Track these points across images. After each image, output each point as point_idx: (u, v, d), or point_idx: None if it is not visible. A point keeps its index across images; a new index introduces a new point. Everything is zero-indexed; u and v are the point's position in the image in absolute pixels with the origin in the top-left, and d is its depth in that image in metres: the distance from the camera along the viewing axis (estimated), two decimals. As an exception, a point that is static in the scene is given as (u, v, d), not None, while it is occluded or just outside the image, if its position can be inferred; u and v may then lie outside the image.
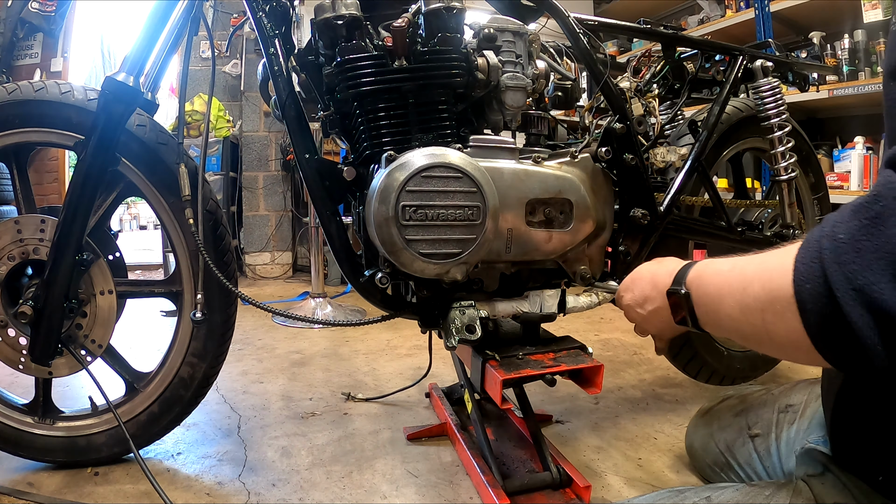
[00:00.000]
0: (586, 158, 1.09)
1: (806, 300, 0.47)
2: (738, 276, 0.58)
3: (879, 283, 0.40)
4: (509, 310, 1.07)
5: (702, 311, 0.67)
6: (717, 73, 1.46)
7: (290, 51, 1.06)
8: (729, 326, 0.61)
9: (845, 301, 0.43)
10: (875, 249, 0.41)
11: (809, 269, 0.47)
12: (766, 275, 0.53)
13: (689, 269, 0.70)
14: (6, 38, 3.61)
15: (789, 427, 0.92)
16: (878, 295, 0.40)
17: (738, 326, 0.59)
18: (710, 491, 0.76)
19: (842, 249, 0.44)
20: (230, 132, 3.87)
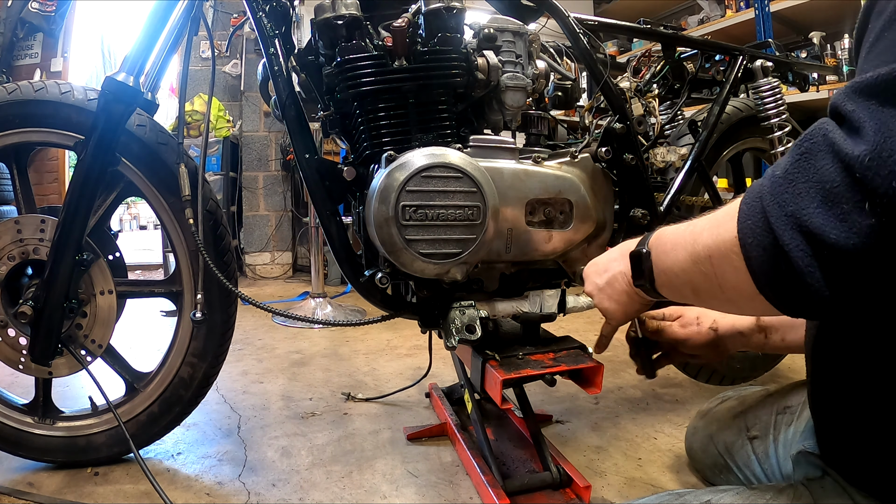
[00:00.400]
0: (586, 158, 1.09)
1: (746, 235, 0.50)
2: (692, 230, 0.61)
3: (809, 208, 0.44)
4: (509, 310, 1.07)
5: (659, 269, 0.68)
6: (717, 73, 1.46)
7: (290, 51, 1.06)
8: (683, 281, 0.63)
9: (778, 226, 0.46)
10: (805, 180, 0.45)
11: (751, 206, 0.50)
12: (715, 222, 0.56)
13: (651, 234, 0.72)
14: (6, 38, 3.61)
15: (787, 429, 0.91)
16: (808, 218, 0.44)
17: (691, 278, 0.61)
18: (710, 494, 0.75)
19: (777, 183, 0.48)
20: (230, 132, 3.87)
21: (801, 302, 0.48)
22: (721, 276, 0.55)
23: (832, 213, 0.43)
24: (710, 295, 0.60)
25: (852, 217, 0.42)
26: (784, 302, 0.50)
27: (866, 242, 0.42)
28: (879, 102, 0.42)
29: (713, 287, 0.58)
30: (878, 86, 0.43)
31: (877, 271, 0.43)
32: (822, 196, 0.44)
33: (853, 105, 0.44)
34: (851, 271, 0.44)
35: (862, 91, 0.44)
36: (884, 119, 0.42)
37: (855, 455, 0.66)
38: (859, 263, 0.43)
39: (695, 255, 0.59)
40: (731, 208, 0.54)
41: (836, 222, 0.43)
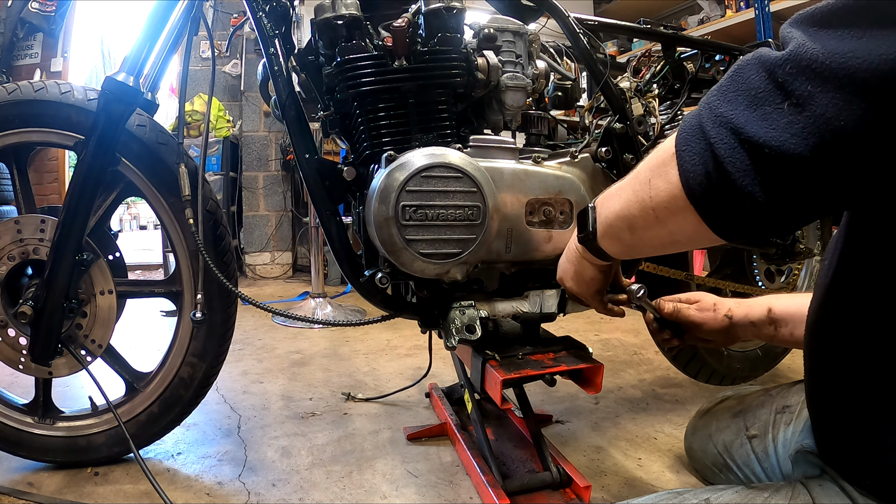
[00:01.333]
0: (586, 158, 1.09)
1: (681, 143, 0.54)
2: (636, 168, 0.65)
3: (736, 110, 0.50)
4: (509, 310, 1.07)
5: (602, 217, 0.72)
6: (717, 73, 1.46)
7: (290, 51, 1.06)
8: (621, 219, 0.67)
9: (707, 126, 0.51)
10: (735, 89, 0.51)
11: (687, 121, 0.55)
12: (658, 148, 0.60)
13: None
14: (6, 38, 3.61)
15: (786, 428, 0.92)
16: (734, 117, 0.49)
17: (629, 210, 0.64)
18: (709, 493, 0.76)
19: (712, 95, 0.53)
20: (230, 132, 3.87)
21: (728, 204, 0.51)
22: (655, 196, 0.58)
23: (756, 113, 0.48)
24: (644, 223, 0.62)
25: (773, 116, 0.47)
26: (712, 206, 0.53)
27: (783, 136, 0.46)
28: (818, 28, 0.47)
29: (647, 212, 0.60)
30: (816, 15, 0.48)
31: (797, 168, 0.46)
32: (748, 100, 0.49)
33: (792, 28, 0.49)
34: (773, 166, 0.47)
35: (803, 20, 0.49)
36: (814, 35, 0.46)
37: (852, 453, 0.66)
38: (779, 158, 0.47)
39: (636, 184, 0.62)
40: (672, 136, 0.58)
41: (759, 121, 0.48)
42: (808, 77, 0.45)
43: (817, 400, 0.72)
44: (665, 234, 0.61)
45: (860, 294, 0.62)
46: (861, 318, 0.62)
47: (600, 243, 0.73)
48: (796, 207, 0.49)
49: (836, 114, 0.44)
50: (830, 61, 0.44)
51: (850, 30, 0.44)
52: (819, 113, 0.45)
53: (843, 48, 0.44)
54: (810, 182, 0.47)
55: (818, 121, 0.45)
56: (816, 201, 0.49)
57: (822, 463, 0.71)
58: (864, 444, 0.63)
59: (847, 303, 0.64)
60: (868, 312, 0.61)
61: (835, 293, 0.66)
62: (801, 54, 0.46)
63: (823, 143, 0.45)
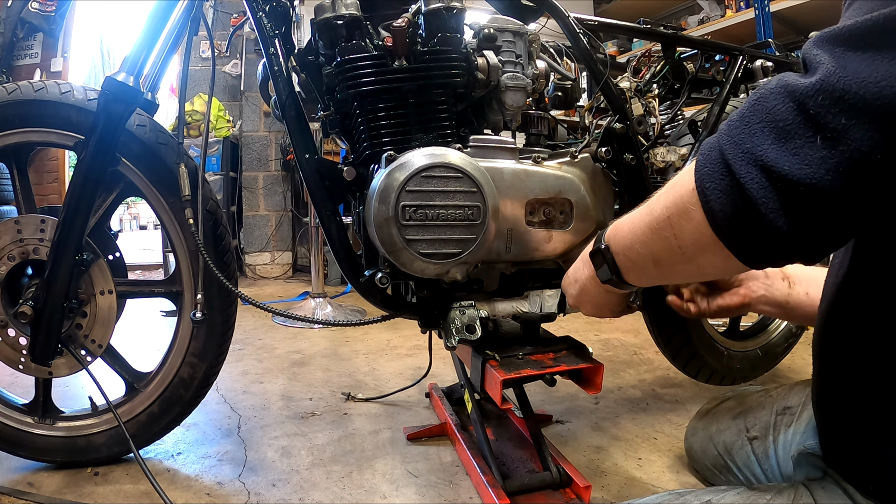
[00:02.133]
0: (586, 158, 1.09)
1: (704, 180, 0.52)
2: (648, 203, 0.63)
3: (763, 144, 0.47)
4: (509, 310, 1.07)
5: (620, 257, 0.69)
6: (717, 73, 1.46)
7: (290, 51, 1.06)
8: (644, 257, 0.64)
9: (734, 162, 0.49)
10: (759, 120, 0.48)
11: (707, 154, 0.53)
12: (671, 184, 0.58)
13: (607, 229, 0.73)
14: (6, 38, 3.61)
15: (786, 429, 0.91)
16: (763, 153, 0.47)
17: (651, 250, 0.62)
18: (711, 494, 0.75)
19: (733, 126, 0.50)
20: (230, 132, 3.87)
21: (759, 240, 0.49)
22: (680, 234, 0.57)
23: (785, 147, 0.46)
24: (670, 260, 0.61)
25: (804, 151, 0.45)
26: (742, 243, 0.51)
27: (818, 173, 0.44)
28: (845, 48, 0.44)
29: (672, 249, 0.59)
30: (843, 34, 0.45)
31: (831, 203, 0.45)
32: (776, 133, 0.47)
33: (818, 50, 0.47)
34: (806, 202, 0.46)
35: (829, 39, 0.46)
36: (843, 59, 0.44)
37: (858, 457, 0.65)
38: (813, 194, 0.45)
39: (653, 223, 0.61)
40: (688, 167, 0.55)
41: (789, 156, 0.46)
42: (840, 109, 0.43)
43: (825, 402, 0.71)
44: (694, 269, 0.60)
45: (872, 294, 0.61)
46: (872, 318, 0.61)
47: (626, 279, 0.71)
48: (829, 238, 0.48)
49: (871, 148, 0.42)
50: (864, 91, 0.42)
51: (882, 52, 0.42)
52: (854, 147, 0.43)
53: (876, 75, 0.42)
54: (846, 214, 0.46)
55: (854, 155, 0.43)
56: (849, 230, 0.48)
57: (825, 465, 0.71)
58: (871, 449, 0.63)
59: (858, 303, 0.63)
60: (880, 313, 0.60)
61: (845, 293, 0.65)
62: (831, 84, 0.44)
63: (860, 177, 0.43)
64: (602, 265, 0.72)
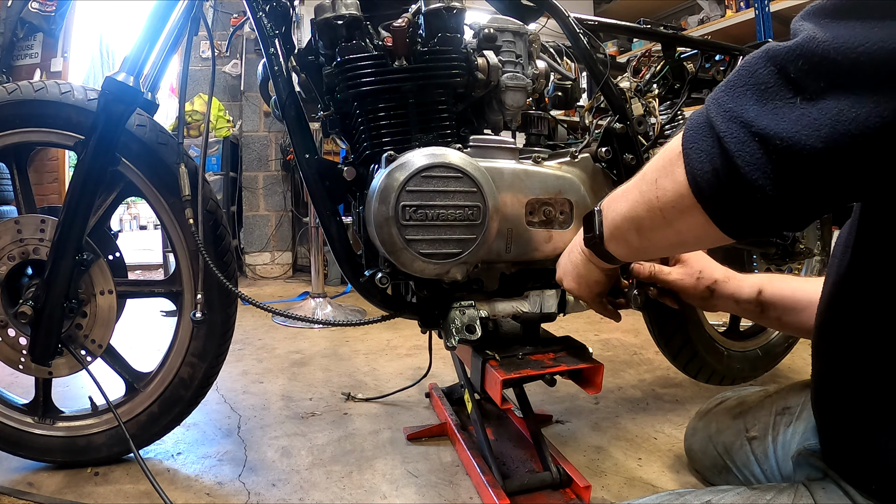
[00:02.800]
0: (586, 158, 1.09)
1: (688, 141, 0.53)
2: (642, 170, 0.64)
3: (745, 105, 0.49)
4: (509, 310, 1.07)
5: (608, 220, 0.71)
6: (717, 73, 1.46)
7: (290, 51, 1.06)
8: (628, 221, 0.66)
9: (716, 120, 0.50)
10: (742, 84, 0.50)
11: (694, 119, 0.54)
12: (664, 149, 0.59)
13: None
14: (6, 38, 3.61)
15: (786, 429, 0.91)
16: (744, 112, 0.49)
17: (636, 210, 0.63)
18: (711, 494, 0.75)
19: (719, 90, 0.52)
20: (230, 132, 3.87)
21: (738, 202, 0.50)
22: (662, 196, 0.57)
23: (766, 107, 0.47)
24: (651, 226, 0.61)
25: (784, 110, 0.46)
26: (721, 206, 0.52)
27: (796, 128, 0.45)
28: (830, 19, 0.45)
29: (654, 213, 0.59)
30: (828, 6, 0.46)
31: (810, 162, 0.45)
32: (758, 95, 0.48)
33: (803, 21, 0.48)
34: (785, 160, 0.46)
35: (815, 11, 0.47)
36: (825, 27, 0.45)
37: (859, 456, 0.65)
38: (792, 151, 0.46)
39: (642, 185, 0.62)
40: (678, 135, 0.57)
41: (769, 114, 0.47)
42: (819, 73, 0.44)
43: (824, 400, 0.71)
44: (673, 235, 0.61)
45: (872, 292, 0.61)
46: (873, 315, 0.60)
47: (607, 246, 0.72)
48: (808, 201, 0.48)
49: (848, 106, 0.43)
50: (840, 54, 0.43)
51: (864, 21, 0.43)
52: (831, 105, 0.44)
53: (854, 39, 0.43)
54: (823, 175, 0.46)
55: (830, 112, 0.44)
56: (829, 195, 0.48)
57: (825, 465, 0.71)
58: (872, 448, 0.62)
59: (858, 300, 0.63)
60: (881, 310, 0.59)
61: (845, 290, 0.65)
62: (810, 47, 0.45)
63: (837, 135, 0.44)
64: (590, 225, 0.74)
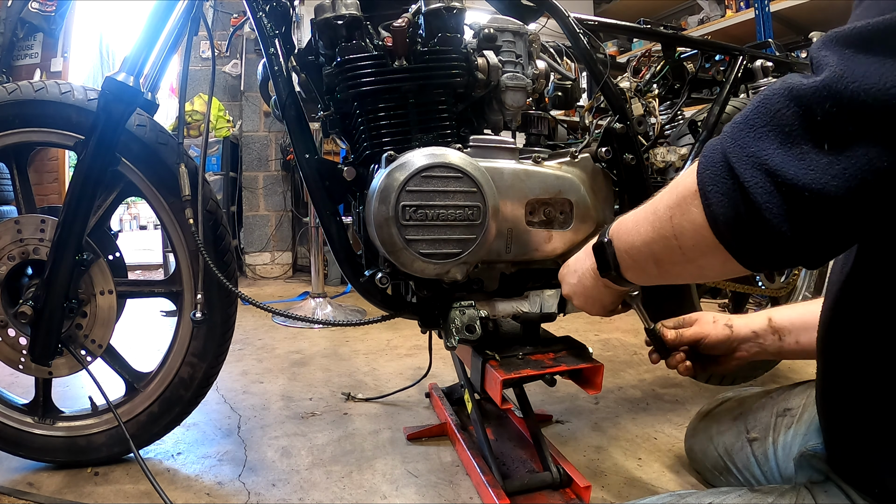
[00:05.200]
0: (586, 158, 1.09)
1: (706, 182, 0.52)
2: (651, 202, 0.63)
3: (769, 149, 0.47)
4: (509, 310, 1.07)
5: (621, 251, 0.70)
6: (717, 73, 1.46)
7: (290, 51, 1.06)
8: (645, 255, 0.65)
9: (739, 166, 0.49)
10: (764, 123, 0.48)
11: (710, 156, 0.52)
12: (674, 183, 0.58)
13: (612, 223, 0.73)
14: (6, 38, 3.61)
15: (786, 431, 0.91)
16: (769, 158, 0.47)
17: (652, 248, 0.63)
18: (713, 496, 0.75)
19: (738, 129, 0.50)
20: (230, 132, 3.87)
21: (762, 244, 0.49)
22: (681, 235, 0.57)
23: (791, 152, 0.45)
24: (670, 260, 0.61)
25: (810, 156, 0.45)
26: (744, 246, 0.51)
27: (824, 178, 0.44)
28: (854, 51, 0.43)
29: (673, 250, 0.59)
30: (853, 35, 0.44)
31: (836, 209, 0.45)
32: (782, 137, 0.46)
33: (826, 51, 0.46)
34: (811, 208, 0.45)
35: (838, 40, 0.45)
36: (851, 62, 0.43)
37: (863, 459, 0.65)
38: (819, 200, 0.45)
39: (655, 221, 0.61)
40: (690, 168, 0.55)
41: (795, 161, 0.45)
42: (848, 117, 0.42)
43: (829, 403, 0.70)
44: (694, 269, 0.60)
45: (876, 294, 0.60)
46: (877, 318, 0.60)
47: (625, 276, 0.71)
48: (831, 243, 0.48)
49: (878, 155, 0.42)
50: (871, 96, 0.41)
51: (893, 56, 0.41)
52: (861, 155, 0.42)
53: (885, 81, 0.40)
54: (851, 221, 0.45)
55: (859, 161, 0.43)
56: (853, 236, 0.48)
57: (828, 467, 0.71)
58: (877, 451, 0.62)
59: (862, 302, 0.63)
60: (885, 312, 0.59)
61: (849, 293, 0.65)
62: (837, 88, 0.43)
63: (867, 185, 0.43)
64: (603, 259, 0.73)
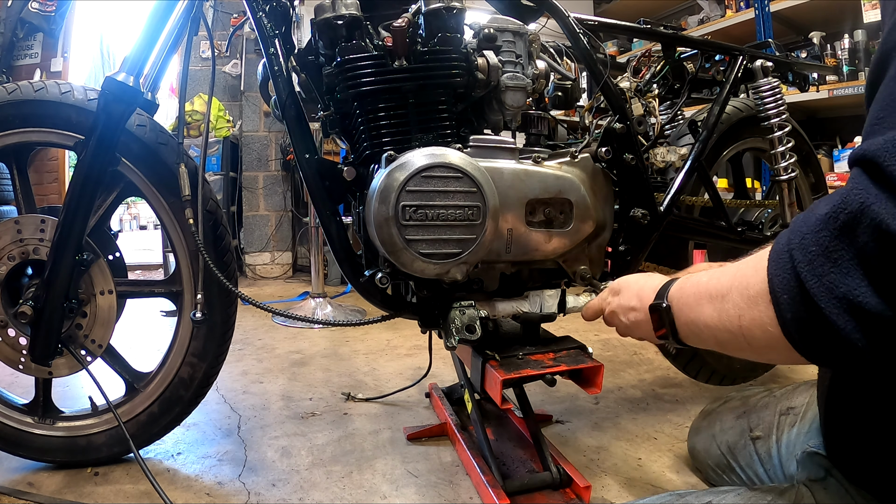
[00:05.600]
0: (586, 158, 1.09)
1: (784, 309, 0.50)
2: (716, 286, 0.60)
3: (859, 289, 0.44)
4: (509, 310, 1.07)
5: (682, 323, 0.68)
6: (717, 73, 1.46)
7: (290, 51, 1.06)
8: (707, 336, 0.63)
9: (830, 310, 0.46)
10: (850, 258, 0.44)
11: (783, 280, 0.50)
12: (742, 282, 0.56)
13: (672, 284, 0.71)
14: (6, 38, 3.61)
15: (790, 430, 0.91)
16: (862, 299, 0.44)
17: (716, 334, 0.61)
18: (712, 495, 0.75)
19: (817, 262, 0.47)
20: (230, 132, 3.87)
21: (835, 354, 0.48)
22: (750, 336, 0.55)
23: (884, 290, 0.43)
24: (735, 347, 0.60)
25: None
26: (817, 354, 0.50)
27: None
28: None
29: (739, 341, 0.57)
30: None
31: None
32: (872, 274, 0.43)
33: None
34: (890, 330, 0.44)
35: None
36: None
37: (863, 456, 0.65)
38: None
39: (722, 313, 0.58)
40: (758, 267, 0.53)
41: (888, 298, 0.43)
42: None
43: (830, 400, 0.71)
44: (757, 358, 0.60)
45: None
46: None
47: (684, 342, 0.69)
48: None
49: None
50: None
51: None
52: None
53: None
54: None
55: None
56: None
57: (829, 465, 0.71)
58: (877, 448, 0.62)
59: None
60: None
61: None
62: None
63: None
64: (662, 324, 0.71)
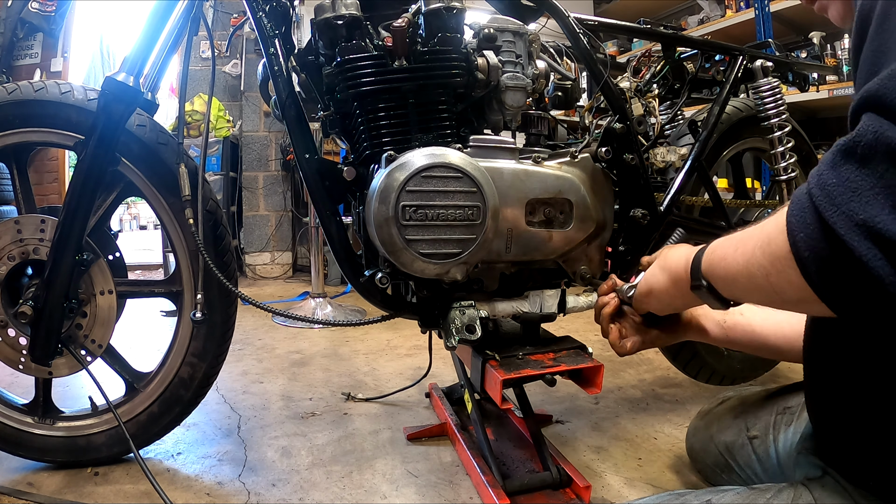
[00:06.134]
0: (586, 158, 1.09)
1: (801, 248, 0.49)
2: (742, 254, 0.60)
3: (881, 215, 0.43)
4: (509, 310, 1.07)
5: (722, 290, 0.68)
6: (717, 73, 1.46)
7: (290, 51, 1.06)
8: (746, 299, 0.65)
9: (850, 238, 0.45)
10: (871, 187, 0.44)
11: (801, 218, 0.49)
12: (764, 240, 0.56)
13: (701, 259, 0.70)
14: (6, 38, 3.61)
15: (787, 429, 0.92)
16: (883, 225, 0.43)
17: (752, 297, 0.63)
18: (711, 494, 0.76)
19: (836, 192, 0.46)
20: (230, 132, 3.87)
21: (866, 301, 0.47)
22: (780, 290, 0.55)
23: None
24: (772, 304, 0.60)
25: None
26: (848, 305, 0.49)
27: None
28: None
29: (773, 298, 0.57)
30: None
31: None
32: (893, 202, 0.43)
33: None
34: None
35: None
36: None
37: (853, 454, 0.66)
38: None
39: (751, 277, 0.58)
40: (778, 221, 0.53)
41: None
42: None
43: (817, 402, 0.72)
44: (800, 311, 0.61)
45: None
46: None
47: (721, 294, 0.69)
48: None
49: None
50: None
51: None
52: None
53: None
54: None
55: None
56: None
57: (824, 464, 0.71)
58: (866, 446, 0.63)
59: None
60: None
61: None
62: None
63: None
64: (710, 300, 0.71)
